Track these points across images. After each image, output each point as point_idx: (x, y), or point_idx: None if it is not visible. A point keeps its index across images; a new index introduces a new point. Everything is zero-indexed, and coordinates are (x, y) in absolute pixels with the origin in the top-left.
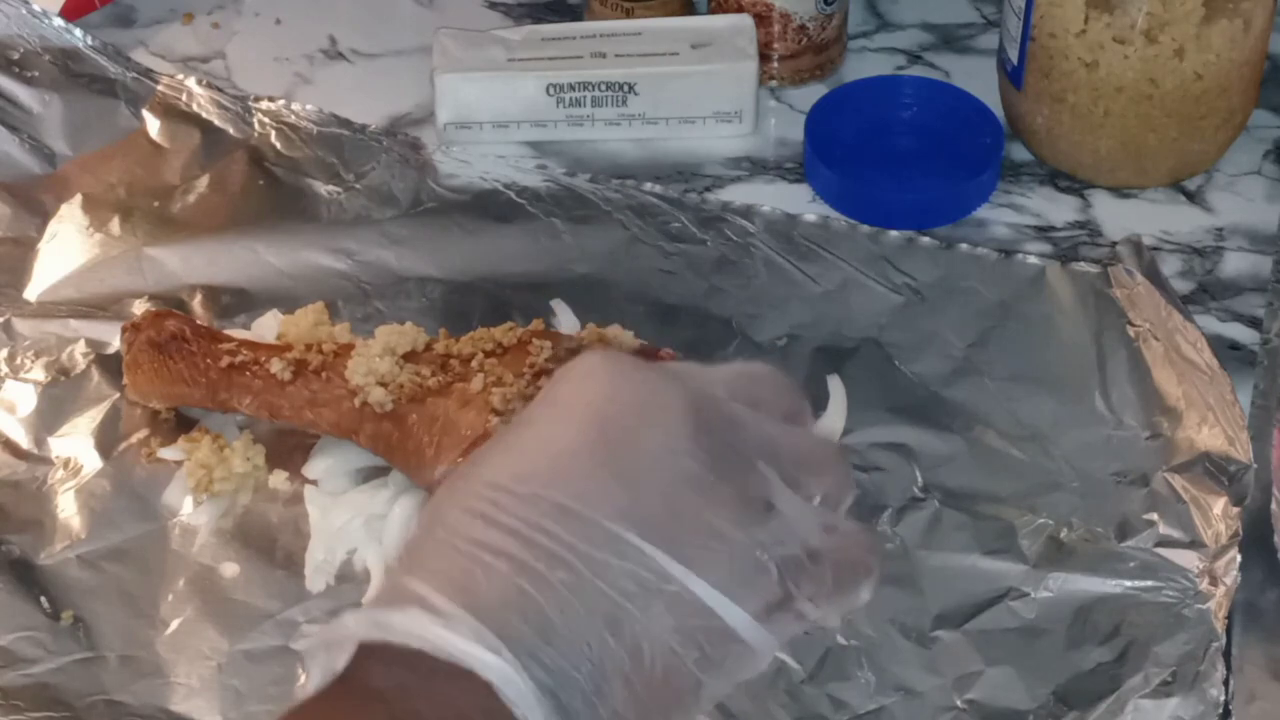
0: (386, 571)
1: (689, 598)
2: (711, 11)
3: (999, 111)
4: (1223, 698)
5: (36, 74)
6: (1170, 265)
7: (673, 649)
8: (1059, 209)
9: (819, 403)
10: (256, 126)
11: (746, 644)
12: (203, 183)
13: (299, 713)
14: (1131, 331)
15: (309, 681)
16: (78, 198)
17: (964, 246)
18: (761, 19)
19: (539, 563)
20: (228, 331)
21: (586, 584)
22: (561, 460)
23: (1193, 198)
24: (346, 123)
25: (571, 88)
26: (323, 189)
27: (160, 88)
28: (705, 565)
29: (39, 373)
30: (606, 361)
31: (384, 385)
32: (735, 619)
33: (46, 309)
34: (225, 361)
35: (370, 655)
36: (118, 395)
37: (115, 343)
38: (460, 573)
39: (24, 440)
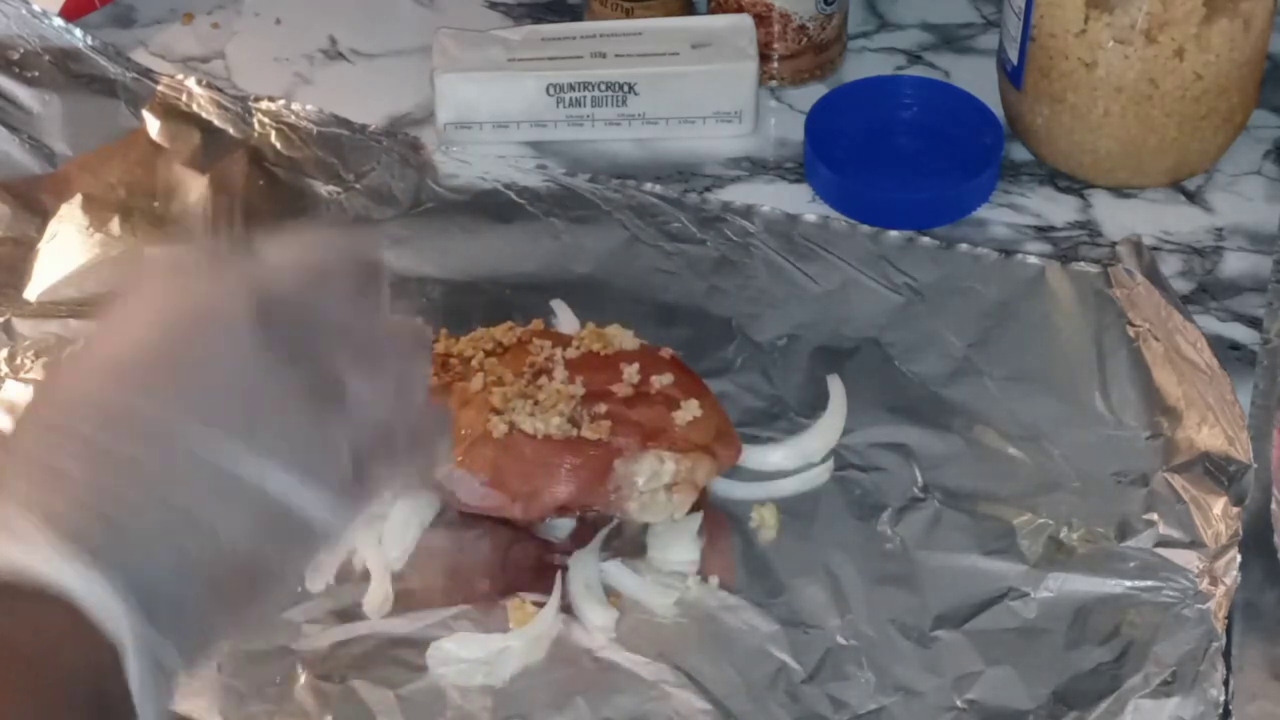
0: None
1: (262, 489)
2: (711, 11)
3: (999, 111)
4: (1223, 698)
5: (36, 74)
6: (1170, 265)
7: (250, 539)
8: (1059, 209)
9: (819, 403)
10: (256, 126)
11: (322, 523)
12: (203, 183)
13: None
14: (1131, 331)
15: None
16: (78, 198)
17: (964, 246)
18: (761, 19)
19: (113, 475)
20: None
21: (160, 490)
22: (130, 371)
23: (1193, 198)
24: (346, 123)
25: (571, 88)
26: (323, 189)
27: (160, 88)
28: (276, 456)
29: (39, 373)
30: (167, 270)
31: None
32: (308, 504)
33: (46, 309)
34: None
35: None
36: None
37: None
38: (38, 492)
39: None
